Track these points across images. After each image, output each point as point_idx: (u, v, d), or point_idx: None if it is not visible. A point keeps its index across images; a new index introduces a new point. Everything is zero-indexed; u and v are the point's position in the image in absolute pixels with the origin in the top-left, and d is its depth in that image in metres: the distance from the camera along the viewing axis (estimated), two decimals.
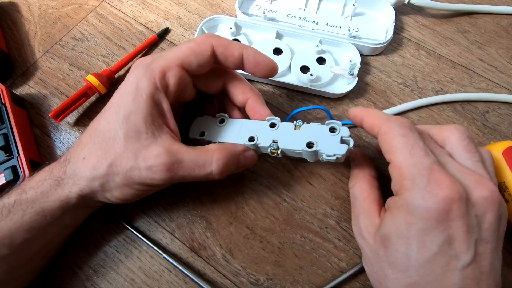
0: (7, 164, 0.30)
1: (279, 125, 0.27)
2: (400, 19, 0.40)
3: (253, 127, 0.28)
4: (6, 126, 0.31)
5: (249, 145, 0.27)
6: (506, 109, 0.35)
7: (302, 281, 0.28)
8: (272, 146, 0.26)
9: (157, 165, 0.23)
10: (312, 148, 0.25)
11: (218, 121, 0.29)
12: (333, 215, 0.30)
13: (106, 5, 0.41)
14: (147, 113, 0.23)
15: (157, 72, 0.24)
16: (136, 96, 0.23)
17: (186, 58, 0.25)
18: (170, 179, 0.23)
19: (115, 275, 0.28)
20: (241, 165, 0.27)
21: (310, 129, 0.26)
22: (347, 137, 0.25)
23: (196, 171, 0.24)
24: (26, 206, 0.23)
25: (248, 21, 0.38)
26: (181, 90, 0.26)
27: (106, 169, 0.23)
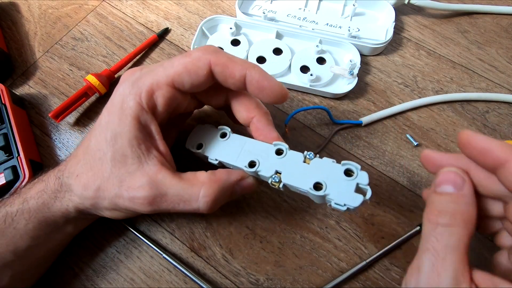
0: (7, 164, 0.30)
1: (287, 154, 0.23)
2: (400, 19, 0.40)
3: (256, 149, 0.24)
4: (6, 126, 0.31)
5: (248, 171, 0.24)
6: (506, 109, 0.35)
7: (302, 281, 0.28)
8: (274, 178, 0.23)
9: (138, 198, 0.22)
10: (319, 192, 0.21)
11: (219, 135, 0.26)
12: (333, 215, 0.30)
13: (106, 5, 0.41)
14: (133, 136, 0.22)
15: (144, 91, 0.22)
16: (122, 116, 0.22)
17: (178, 77, 0.22)
18: (153, 211, 0.23)
19: (115, 275, 0.28)
20: (237, 194, 0.25)
21: (322, 165, 0.22)
22: (364, 185, 0.21)
23: (180, 206, 0.22)
24: (29, 215, 0.23)
25: (248, 21, 0.38)
26: (172, 109, 0.24)
27: (94, 192, 0.23)
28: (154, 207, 0.22)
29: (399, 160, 0.33)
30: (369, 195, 0.21)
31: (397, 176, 0.32)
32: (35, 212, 0.23)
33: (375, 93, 0.36)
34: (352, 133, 0.34)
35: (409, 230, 0.29)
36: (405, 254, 0.29)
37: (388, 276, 0.28)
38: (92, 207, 0.24)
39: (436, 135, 0.34)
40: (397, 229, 0.30)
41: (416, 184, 0.31)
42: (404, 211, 0.30)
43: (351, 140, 0.33)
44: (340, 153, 0.33)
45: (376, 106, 0.35)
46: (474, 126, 0.34)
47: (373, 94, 0.36)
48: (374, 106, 0.35)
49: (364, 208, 0.30)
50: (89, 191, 0.23)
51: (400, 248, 0.29)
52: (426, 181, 0.32)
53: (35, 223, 0.23)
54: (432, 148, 0.33)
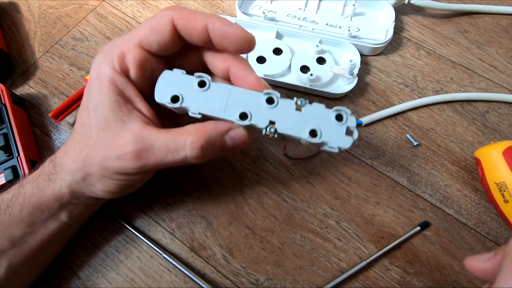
0: (7, 164, 0.30)
1: (278, 102, 0.23)
2: (400, 19, 0.40)
3: (244, 98, 0.23)
4: (6, 126, 0.31)
5: (239, 124, 0.23)
6: (506, 109, 0.35)
7: (302, 281, 0.28)
8: (269, 129, 0.22)
9: (125, 154, 0.22)
10: (315, 138, 0.22)
11: (197, 83, 0.23)
12: (333, 215, 0.30)
13: (106, 5, 0.41)
14: (113, 101, 0.22)
15: (115, 56, 0.22)
16: (100, 85, 0.22)
17: (145, 38, 0.22)
18: (142, 166, 0.22)
19: (115, 275, 0.28)
20: (229, 148, 0.23)
21: (314, 112, 0.23)
22: (352, 127, 0.23)
23: (169, 157, 0.22)
24: (23, 200, 0.24)
25: (248, 21, 0.38)
26: (146, 73, 0.24)
27: (83, 161, 0.23)
28: (143, 161, 0.22)
29: (399, 160, 0.33)
30: (356, 136, 0.23)
31: (397, 176, 0.32)
32: (29, 197, 0.24)
33: (375, 93, 0.36)
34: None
35: (409, 230, 0.29)
36: (405, 254, 0.29)
37: (388, 276, 0.28)
38: (83, 182, 0.23)
39: (436, 135, 0.34)
40: (397, 229, 0.30)
41: (416, 184, 0.31)
42: (404, 211, 0.30)
43: None
44: (340, 153, 0.33)
45: (376, 106, 0.35)
46: (474, 126, 0.34)
47: (373, 94, 0.36)
48: (374, 106, 0.35)
49: (364, 208, 0.30)
50: (77, 162, 0.23)
51: (400, 248, 0.29)
52: (426, 181, 0.32)
53: (30, 209, 0.24)
54: (432, 148, 0.33)
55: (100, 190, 0.24)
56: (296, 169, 0.32)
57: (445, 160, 0.33)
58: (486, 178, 0.30)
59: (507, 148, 0.29)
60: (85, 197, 0.25)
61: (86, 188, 0.24)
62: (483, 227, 0.30)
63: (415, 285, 0.28)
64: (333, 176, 0.32)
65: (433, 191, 0.31)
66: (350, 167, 0.32)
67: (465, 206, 0.31)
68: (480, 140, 0.33)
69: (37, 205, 0.24)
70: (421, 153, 0.33)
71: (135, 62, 0.22)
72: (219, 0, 0.41)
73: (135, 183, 0.25)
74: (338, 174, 0.32)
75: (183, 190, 0.31)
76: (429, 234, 0.30)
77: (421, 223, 0.30)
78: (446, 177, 0.32)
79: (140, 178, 0.25)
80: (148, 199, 0.31)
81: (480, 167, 0.31)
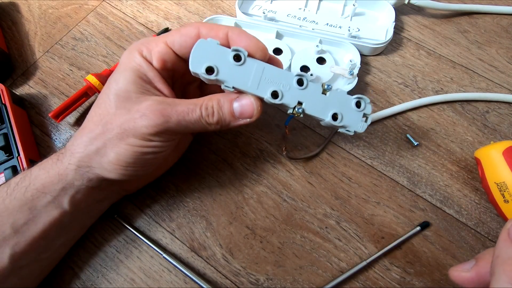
0: (7, 164, 0.30)
1: (308, 85, 0.24)
2: (400, 19, 0.40)
3: (277, 77, 0.24)
4: (6, 126, 0.31)
5: (271, 102, 0.24)
6: (506, 109, 0.35)
7: (302, 281, 0.28)
8: (297, 109, 0.24)
9: (150, 111, 0.23)
10: (336, 121, 0.25)
11: (232, 56, 0.23)
12: (333, 215, 0.30)
13: (106, 5, 0.41)
14: (136, 76, 0.24)
15: (144, 47, 0.25)
16: (125, 67, 0.24)
17: (171, 37, 0.25)
18: (165, 123, 0.23)
19: (115, 275, 0.28)
20: (238, 114, 0.25)
21: (337, 97, 0.25)
22: (368, 114, 0.25)
23: (189, 115, 0.23)
24: (29, 182, 0.24)
25: (248, 21, 0.38)
26: (165, 63, 0.25)
27: (101, 128, 0.24)
28: (166, 118, 0.23)
29: (399, 160, 0.33)
30: (369, 121, 0.26)
31: (397, 176, 0.32)
32: (34, 179, 0.24)
33: (375, 93, 0.36)
34: None
35: (409, 230, 0.29)
36: (405, 254, 0.29)
37: (388, 276, 0.28)
38: (96, 154, 0.24)
39: (436, 135, 0.34)
40: (397, 229, 0.30)
41: (416, 184, 0.31)
42: (404, 211, 0.30)
43: (351, 140, 0.33)
44: (340, 153, 0.33)
45: (376, 106, 0.35)
46: (474, 126, 0.34)
47: (373, 94, 0.36)
48: (374, 106, 0.35)
49: (364, 208, 0.30)
50: (95, 131, 0.24)
51: (400, 248, 0.29)
52: (426, 181, 0.32)
53: (33, 191, 0.24)
54: (432, 148, 0.33)
55: (112, 160, 0.24)
56: (296, 169, 0.32)
57: (445, 160, 0.33)
58: (486, 178, 0.30)
59: (507, 148, 0.29)
60: (89, 177, 0.25)
61: (97, 162, 0.24)
62: (483, 227, 0.30)
63: (415, 285, 0.28)
64: (333, 176, 0.32)
65: (433, 191, 0.31)
66: (350, 167, 0.32)
67: (465, 206, 0.31)
68: (480, 140, 0.33)
69: (41, 188, 0.24)
70: (421, 153, 0.33)
71: (157, 55, 0.25)
72: (219, 0, 0.41)
73: (147, 157, 0.25)
74: (338, 174, 0.32)
75: (183, 190, 0.31)
76: (429, 234, 0.30)
77: (421, 223, 0.30)
78: (446, 177, 0.32)
79: (156, 147, 0.24)
80: (148, 199, 0.31)
81: (480, 167, 0.31)
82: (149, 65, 0.25)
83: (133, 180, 0.28)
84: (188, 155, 0.32)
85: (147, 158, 0.24)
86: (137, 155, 0.24)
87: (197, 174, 0.32)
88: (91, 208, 0.28)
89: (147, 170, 0.26)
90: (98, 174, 0.25)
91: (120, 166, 0.24)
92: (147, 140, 0.23)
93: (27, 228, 0.24)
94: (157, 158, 0.25)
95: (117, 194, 0.29)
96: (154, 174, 0.30)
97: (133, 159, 0.24)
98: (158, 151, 0.25)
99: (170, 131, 0.24)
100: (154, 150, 0.24)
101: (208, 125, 0.24)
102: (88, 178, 0.25)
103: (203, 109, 0.24)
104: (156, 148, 0.24)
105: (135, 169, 0.25)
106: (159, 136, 0.24)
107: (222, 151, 0.33)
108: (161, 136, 0.24)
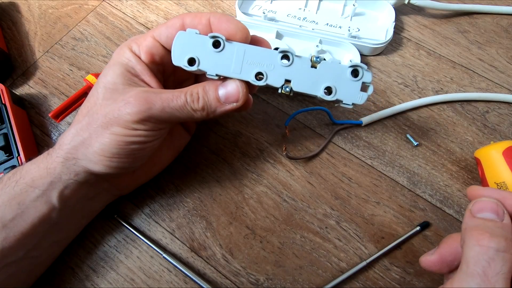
0: (7, 164, 0.30)
1: (294, 60, 0.23)
2: (400, 19, 0.40)
3: (259, 57, 0.23)
4: (6, 126, 0.31)
5: (256, 84, 0.23)
6: (506, 109, 0.35)
7: (302, 281, 0.28)
8: (284, 87, 0.23)
9: (134, 98, 0.23)
10: (330, 96, 0.23)
11: (211, 44, 0.23)
12: (333, 215, 0.30)
13: (106, 5, 0.41)
14: (123, 69, 0.25)
15: (133, 43, 0.25)
16: (114, 62, 0.25)
17: (158, 30, 0.25)
18: (148, 110, 0.23)
19: (115, 275, 0.28)
20: (224, 99, 0.24)
21: (329, 68, 0.23)
22: (368, 83, 0.23)
23: (173, 101, 0.23)
24: (20, 176, 0.24)
25: (248, 21, 0.38)
26: (153, 56, 0.25)
27: (88, 119, 0.24)
28: (149, 105, 0.23)
29: (399, 160, 0.33)
30: (371, 91, 0.23)
31: (397, 176, 0.32)
32: (25, 173, 0.24)
33: (375, 93, 0.36)
34: (352, 133, 0.34)
35: (409, 230, 0.29)
36: (405, 254, 0.29)
37: (388, 276, 0.28)
38: (82, 146, 0.24)
39: (436, 135, 0.34)
40: (397, 229, 0.30)
41: (416, 184, 0.31)
42: (404, 211, 0.30)
43: (351, 140, 0.33)
44: (340, 153, 0.33)
45: (376, 106, 0.35)
46: (474, 126, 0.34)
47: (373, 94, 0.36)
48: (374, 106, 0.35)
49: (364, 208, 0.30)
50: (81, 121, 0.24)
51: (400, 248, 0.29)
52: (426, 181, 0.32)
53: (22, 185, 0.24)
54: (432, 148, 0.33)
55: (96, 151, 0.24)
56: (296, 169, 0.32)
57: (445, 160, 0.33)
58: (486, 178, 0.30)
59: (507, 148, 0.29)
60: (76, 170, 0.24)
61: (82, 153, 0.24)
62: None
63: (415, 285, 0.28)
64: (333, 176, 0.32)
65: (433, 191, 0.31)
66: (350, 167, 0.32)
67: (465, 206, 0.31)
68: (480, 140, 0.33)
69: (30, 182, 0.24)
70: (421, 153, 0.33)
71: (145, 49, 0.25)
72: (219, 0, 0.41)
73: (133, 147, 0.24)
74: (338, 174, 0.32)
75: (183, 190, 0.31)
76: (429, 234, 0.30)
77: (421, 223, 0.30)
78: (446, 177, 0.32)
79: (141, 136, 0.24)
80: (148, 199, 0.31)
81: (480, 167, 0.31)
82: (137, 59, 0.25)
83: (124, 177, 0.28)
84: (188, 155, 0.32)
85: (132, 148, 0.24)
86: (122, 145, 0.23)
87: (197, 174, 0.32)
88: (82, 206, 0.27)
89: (134, 163, 0.26)
90: (85, 167, 0.24)
91: (105, 157, 0.24)
92: (131, 129, 0.23)
93: (15, 223, 0.24)
94: (144, 150, 0.25)
95: (109, 194, 0.28)
96: (148, 174, 0.30)
97: (117, 149, 0.23)
98: (143, 141, 0.24)
99: (154, 118, 0.23)
100: (139, 139, 0.24)
101: (194, 112, 0.24)
102: (75, 171, 0.25)
103: (188, 95, 0.24)
104: (141, 137, 0.24)
105: (120, 160, 0.24)
106: (143, 124, 0.23)
107: (222, 151, 0.33)
108: (145, 124, 0.23)
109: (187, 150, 0.32)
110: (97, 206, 0.29)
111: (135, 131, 0.23)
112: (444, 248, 0.21)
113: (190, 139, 0.32)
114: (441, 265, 0.21)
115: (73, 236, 0.28)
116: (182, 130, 0.31)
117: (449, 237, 0.22)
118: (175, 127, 0.30)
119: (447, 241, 0.22)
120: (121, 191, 0.29)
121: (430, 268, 0.22)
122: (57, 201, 0.25)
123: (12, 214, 0.24)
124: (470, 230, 0.19)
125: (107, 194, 0.28)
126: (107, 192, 0.28)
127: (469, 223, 0.19)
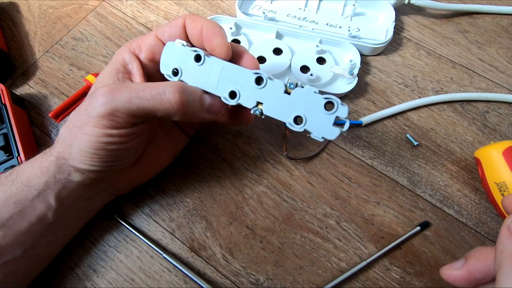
0: (7, 164, 0.30)
1: (267, 83, 0.22)
2: (400, 19, 0.40)
3: (236, 76, 0.23)
4: (6, 126, 0.31)
5: (229, 102, 0.23)
6: (506, 109, 0.35)
7: (302, 281, 0.28)
8: (255, 110, 0.23)
9: (101, 91, 0.22)
10: (299, 126, 0.22)
11: (194, 57, 0.24)
12: (333, 215, 0.30)
13: (106, 5, 0.41)
14: (113, 68, 0.25)
15: (134, 43, 0.26)
16: (109, 64, 0.26)
17: (161, 29, 0.26)
18: (112, 101, 0.22)
19: (115, 275, 0.28)
20: (206, 106, 0.24)
21: (303, 96, 0.22)
22: (343, 118, 0.22)
23: (144, 91, 0.22)
24: (16, 175, 0.25)
25: (248, 21, 0.38)
26: (153, 54, 0.26)
27: (72, 117, 0.24)
28: (114, 96, 0.22)
29: (399, 160, 0.33)
30: (346, 127, 0.22)
31: (397, 176, 0.32)
32: (21, 172, 0.25)
33: (375, 93, 0.36)
34: (352, 133, 0.34)
35: (409, 230, 0.29)
36: (405, 254, 0.29)
37: (388, 276, 0.28)
38: (67, 145, 0.24)
39: (436, 135, 0.34)
40: (397, 229, 0.30)
41: (416, 184, 0.31)
42: (404, 211, 0.30)
43: (351, 140, 0.33)
44: (340, 153, 0.33)
45: (376, 106, 0.35)
46: (474, 126, 0.34)
47: (373, 94, 0.36)
48: (374, 106, 0.35)
49: (364, 208, 0.30)
50: (73, 120, 0.24)
51: (400, 248, 0.29)
52: (426, 181, 0.32)
53: (18, 184, 0.24)
54: (432, 148, 0.33)
55: (77, 151, 0.23)
56: (296, 169, 0.32)
57: (445, 160, 0.33)
58: (486, 178, 0.30)
59: (507, 148, 0.29)
60: (68, 170, 0.24)
61: (68, 152, 0.24)
62: (483, 227, 0.30)
63: (415, 285, 0.28)
64: (333, 176, 0.32)
65: (433, 191, 0.31)
66: (350, 167, 0.32)
67: (465, 206, 0.31)
68: (480, 140, 0.33)
69: (25, 181, 0.24)
70: (421, 153, 0.33)
71: (146, 47, 0.26)
72: (219, 0, 0.41)
73: (109, 148, 0.23)
74: (338, 174, 0.32)
75: (183, 190, 0.31)
76: (429, 234, 0.30)
77: (421, 223, 0.30)
78: (446, 177, 0.32)
79: (113, 136, 0.23)
80: (148, 199, 0.31)
81: (480, 167, 0.31)
82: (133, 58, 0.25)
83: (121, 177, 0.28)
84: (188, 155, 0.32)
85: (110, 148, 0.23)
86: (97, 146, 0.23)
87: (197, 174, 0.32)
88: (80, 206, 0.27)
89: (120, 162, 0.25)
90: (74, 166, 0.24)
91: (85, 157, 0.23)
92: (101, 127, 0.22)
93: (12, 222, 0.24)
94: (126, 150, 0.24)
95: (107, 193, 0.28)
96: (145, 175, 0.30)
97: (94, 149, 0.23)
98: (118, 141, 0.23)
99: (121, 112, 0.22)
100: (112, 140, 0.23)
101: (169, 105, 0.22)
102: (68, 171, 0.25)
103: (167, 85, 0.22)
104: (114, 137, 0.23)
105: (102, 160, 0.24)
106: (111, 119, 0.22)
107: (222, 151, 0.33)
108: (112, 119, 0.22)
109: (187, 150, 0.32)
110: (95, 206, 0.28)
111: (106, 130, 0.22)
112: (474, 265, 0.19)
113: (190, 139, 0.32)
114: (468, 283, 0.19)
115: (71, 236, 0.28)
116: (179, 132, 0.30)
117: (480, 252, 0.20)
118: (173, 129, 0.30)
119: (478, 256, 0.19)
120: (118, 191, 0.29)
121: (454, 283, 0.20)
122: (55, 201, 0.25)
123: (9, 213, 0.24)
124: (509, 257, 0.17)
125: (105, 194, 0.28)
126: (104, 192, 0.28)
127: (508, 246, 0.17)
